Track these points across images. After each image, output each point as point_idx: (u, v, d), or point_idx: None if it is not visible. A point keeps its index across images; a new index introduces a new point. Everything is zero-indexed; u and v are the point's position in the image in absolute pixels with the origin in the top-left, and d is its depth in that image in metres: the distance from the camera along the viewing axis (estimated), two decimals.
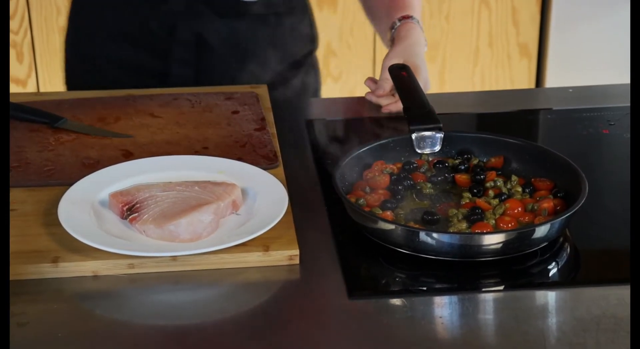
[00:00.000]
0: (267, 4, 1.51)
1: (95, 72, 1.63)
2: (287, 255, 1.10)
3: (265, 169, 1.25)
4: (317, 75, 1.72)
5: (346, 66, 2.73)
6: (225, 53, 1.56)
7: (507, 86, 2.77)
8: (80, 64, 1.66)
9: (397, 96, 1.41)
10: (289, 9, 1.58)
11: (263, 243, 1.10)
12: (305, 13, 1.65)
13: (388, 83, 1.44)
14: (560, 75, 2.74)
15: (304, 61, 1.67)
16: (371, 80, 1.49)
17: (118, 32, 1.57)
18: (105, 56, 1.59)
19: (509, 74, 2.77)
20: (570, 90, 1.63)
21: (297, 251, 1.10)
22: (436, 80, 2.75)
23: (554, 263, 1.12)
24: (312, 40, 1.69)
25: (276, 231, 1.12)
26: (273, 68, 1.60)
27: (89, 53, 1.63)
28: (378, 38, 1.90)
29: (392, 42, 1.49)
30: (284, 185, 1.21)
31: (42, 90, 2.70)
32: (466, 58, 2.76)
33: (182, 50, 1.55)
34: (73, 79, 1.70)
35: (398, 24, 1.49)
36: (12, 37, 2.60)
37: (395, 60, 1.43)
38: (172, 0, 1.50)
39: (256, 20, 1.54)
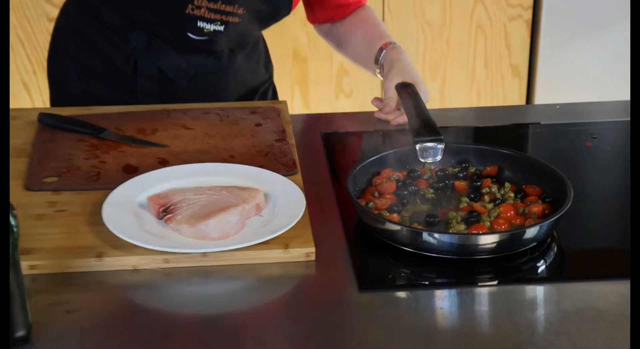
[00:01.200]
0: (217, 42, 1.48)
1: (74, 105, 1.59)
2: (304, 252, 1.10)
3: (285, 176, 1.25)
4: (275, 98, 1.70)
5: (357, 84, 2.72)
6: (185, 84, 1.53)
7: (501, 103, 2.76)
8: (62, 99, 1.63)
9: (402, 110, 1.41)
10: (240, 46, 1.55)
11: (283, 241, 1.10)
12: (257, 46, 1.62)
13: (393, 100, 1.43)
14: (548, 93, 2.72)
15: (259, 88, 1.64)
16: (377, 100, 1.49)
17: (89, 71, 1.56)
18: (80, 92, 1.57)
19: (502, 92, 2.77)
20: (557, 107, 1.62)
21: (313, 249, 1.10)
22: (437, 97, 2.75)
23: (542, 261, 1.12)
24: (266, 69, 1.67)
25: (295, 231, 1.12)
26: (229, 98, 1.58)
27: (66, 88, 1.62)
28: None
29: (382, 67, 1.49)
30: (301, 189, 1.21)
31: None
32: (464, 78, 2.75)
33: (145, 84, 1.52)
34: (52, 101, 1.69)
35: (385, 51, 1.49)
36: None
37: (396, 80, 1.43)
38: (134, 39, 1.48)
39: (211, 54, 1.52)
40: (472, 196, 1.20)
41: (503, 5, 2.65)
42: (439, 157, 1.23)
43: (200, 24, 1.43)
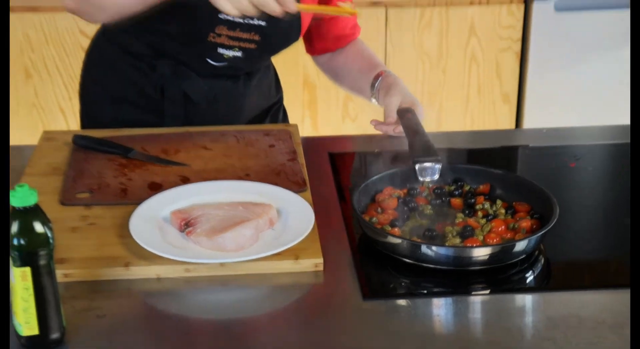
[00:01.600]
0: (235, 67, 1.49)
1: (90, 122, 1.61)
2: (313, 263, 1.09)
3: (295, 193, 1.24)
4: (286, 119, 1.70)
5: (361, 109, 2.72)
6: (207, 106, 1.53)
7: (492, 127, 2.75)
8: (92, 123, 1.61)
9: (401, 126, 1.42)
10: (254, 70, 1.56)
11: (294, 253, 1.09)
12: (269, 71, 1.64)
13: (394, 114, 1.43)
14: (535, 118, 2.72)
15: (271, 108, 1.65)
16: (376, 120, 1.49)
17: (119, 97, 1.55)
18: (111, 117, 1.56)
19: (494, 117, 2.76)
20: (544, 131, 1.62)
21: (321, 260, 1.09)
22: (434, 121, 2.74)
23: (530, 272, 1.11)
24: (277, 91, 1.68)
25: (304, 243, 1.11)
26: (245, 117, 1.58)
27: (98, 114, 1.61)
28: None
29: (377, 93, 1.49)
30: (310, 205, 1.20)
31: None
32: (459, 104, 2.75)
33: (172, 107, 1.52)
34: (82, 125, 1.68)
35: (381, 78, 1.49)
36: None
37: (397, 98, 1.43)
38: (161, 67, 1.49)
39: (230, 78, 1.53)
40: (467, 212, 1.19)
41: (494, 38, 2.65)
42: (436, 176, 1.23)
43: (220, 50, 1.44)
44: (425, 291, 1.08)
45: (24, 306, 0.93)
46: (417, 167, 1.22)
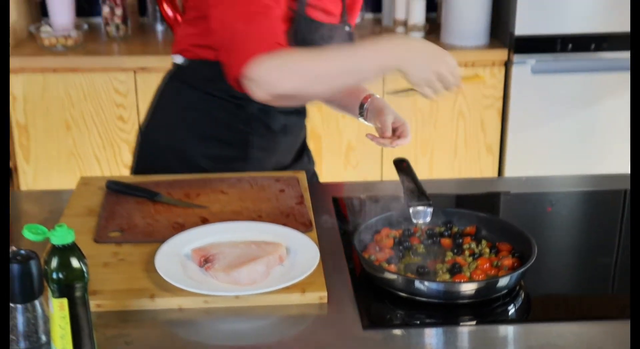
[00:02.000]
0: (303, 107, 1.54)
1: (168, 159, 1.53)
2: (318, 296, 1.09)
3: (303, 233, 1.24)
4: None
5: (362, 158, 2.72)
6: (282, 136, 1.55)
7: (478, 175, 2.75)
8: (153, 151, 1.55)
9: (397, 134, 1.43)
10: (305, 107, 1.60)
11: (301, 287, 1.09)
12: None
13: (390, 128, 1.42)
14: (516, 168, 2.72)
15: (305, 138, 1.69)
16: (372, 134, 1.46)
17: (200, 130, 1.51)
18: (199, 154, 1.51)
19: (479, 166, 2.76)
20: (523, 179, 1.62)
21: (325, 294, 1.09)
22: (426, 169, 2.74)
23: (512, 305, 1.10)
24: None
25: (310, 278, 1.11)
26: (299, 143, 1.62)
27: (166, 144, 1.54)
28: None
29: (366, 112, 1.48)
30: (316, 244, 1.20)
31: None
32: (448, 154, 2.75)
33: (258, 140, 1.51)
34: (141, 164, 1.59)
35: (370, 99, 1.49)
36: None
37: (392, 116, 1.43)
38: (249, 108, 1.47)
39: (299, 113, 1.56)
40: (455, 251, 1.19)
41: (479, 97, 2.67)
42: (428, 219, 1.23)
43: None
44: (418, 322, 1.07)
45: (61, 334, 0.92)
46: (411, 210, 1.22)
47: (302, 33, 1.37)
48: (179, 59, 1.50)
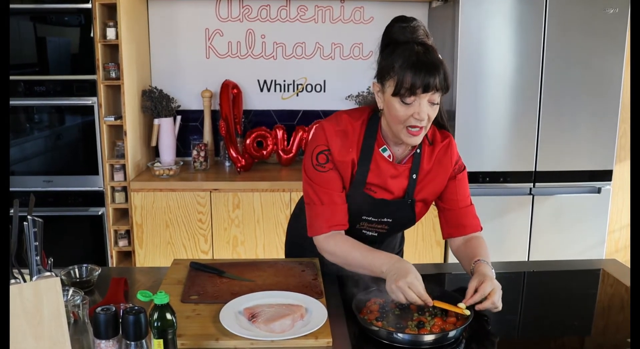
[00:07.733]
0: (376, 237, 1.39)
1: (309, 247, 1.42)
2: (326, 341, 1.08)
3: (317, 299, 1.23)
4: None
5: None
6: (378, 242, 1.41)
7: (430, 261, 2.55)
8: (299, 239, 1.49)
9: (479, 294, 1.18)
10: (384, 240, 1.44)
11: (314, 335, 1.09)
12: (396, 238, 1.53)
13: (470, 292, 1.19)
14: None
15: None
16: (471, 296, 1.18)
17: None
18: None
19: (432, 255, 2.56)
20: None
21: (330, 340, 1.08)
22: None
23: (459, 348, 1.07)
24: (400, 245, 1.57)
25: (321, 329, 1.10)
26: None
27: (300, 242, 1.49)
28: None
29: (472, 272, 1.26)
30: (325, 307, 1.19)
31: (215, 256, 2.60)
32: (410, 247, 2.56)
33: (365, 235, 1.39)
34: (290, 248, 1.57)
35: (474, 263, 1.27)
36: (203, 229, 2.59)
37: (475, 282, 1.20)
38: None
39: (369, 240, 1.39)
40: (420, 312, 1.18)
41: (432, 209, 2.57)
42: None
43: (364, 231, 1.38)
44: None
45: None
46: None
47: (359, 204, 1.31)
48: None
